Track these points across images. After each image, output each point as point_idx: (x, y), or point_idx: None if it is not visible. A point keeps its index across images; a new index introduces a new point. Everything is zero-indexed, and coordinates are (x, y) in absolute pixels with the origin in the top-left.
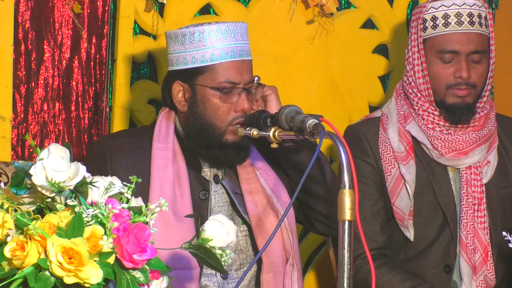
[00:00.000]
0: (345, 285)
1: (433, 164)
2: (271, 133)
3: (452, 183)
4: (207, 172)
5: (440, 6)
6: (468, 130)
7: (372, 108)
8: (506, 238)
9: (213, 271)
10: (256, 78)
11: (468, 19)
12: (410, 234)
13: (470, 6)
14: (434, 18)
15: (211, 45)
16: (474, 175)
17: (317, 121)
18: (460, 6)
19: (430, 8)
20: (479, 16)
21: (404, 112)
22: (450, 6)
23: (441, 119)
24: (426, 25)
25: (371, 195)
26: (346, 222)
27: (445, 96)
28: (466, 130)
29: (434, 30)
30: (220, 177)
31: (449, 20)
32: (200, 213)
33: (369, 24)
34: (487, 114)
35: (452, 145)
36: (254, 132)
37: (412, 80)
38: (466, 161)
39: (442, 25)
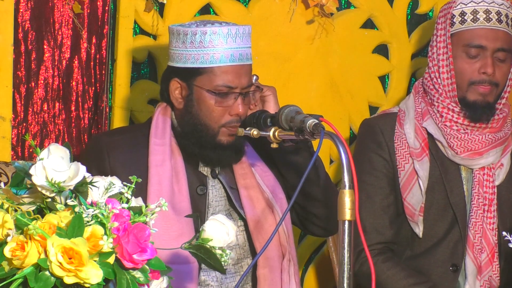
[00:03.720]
0: (345, 285)
1: (447, 163)
2: (271, 133)
3: (464, 182)
4: (204, 167)
5: (470, 2)
6: (485, 131)
7: (372, 108)
8: (506, 238)
9: None
10: (254, 78)
11: (497, 17)
12: (419, 230)
13: (499, 5)
14: (462, 14)
15: (212, 47)
16: (487, 176)
17: (317, 121)
18: (489, 4)
19: (459, 4)
20: (507, 16)
21: (422, 109)
22: (480, 2)
23: (460, 117)
24: (454, 20)
25: (382, 189)
26: (346, 222)
27: (467, 93)
28: (483, 131)
29: (462, 25)
30: (217, 171)
31: (477, 16)
32: (198, 208)
33: (369, 24)
34: (505, 117)
35: (467, 144)
36: (254, 132)
37: (434, 76)
38: (480, 162)
39: (471, 20)
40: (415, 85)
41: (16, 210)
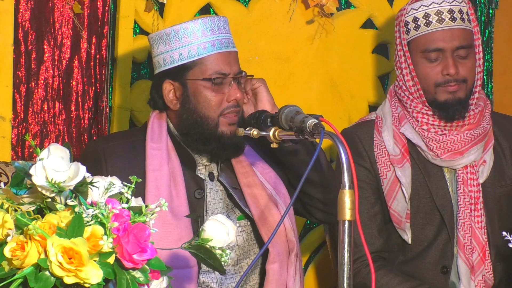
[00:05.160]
0: (345, 285)
1: (429, 166)
2: (271, 133)
3: (448, 184)
4: (202, 170)
5: (420, 7)
6: (463, 129)
7: (372, 108)
8: (506, 238)
9: None
10: (243, 73)
11: (449, 16)
12: (407, 237)
13: (450, 3)
14: (415, 20)
15: (196, 40)
16: (470, 175)
17: (317, 121)
18: (439, 4)
19: (410, 10)
20: (460, 11)
21: (399, 114)
22: (430, 5)
23: (436, 118)
24: (409, 27)
25: (367, 198)
26: (346, 222)
27: (436, 94)
28: (461, 129)
29: (417, 31)
30: (215, 174)
31: (430, 19)
32: (196, 212)
33: (369, 24)
34: (482, 111)
35: (447, 145)
36: (254, 132)
37: (402, 83)
38: (462, 161)
39: (424, 25)
40: (390, 90)
41: (16, 210)
